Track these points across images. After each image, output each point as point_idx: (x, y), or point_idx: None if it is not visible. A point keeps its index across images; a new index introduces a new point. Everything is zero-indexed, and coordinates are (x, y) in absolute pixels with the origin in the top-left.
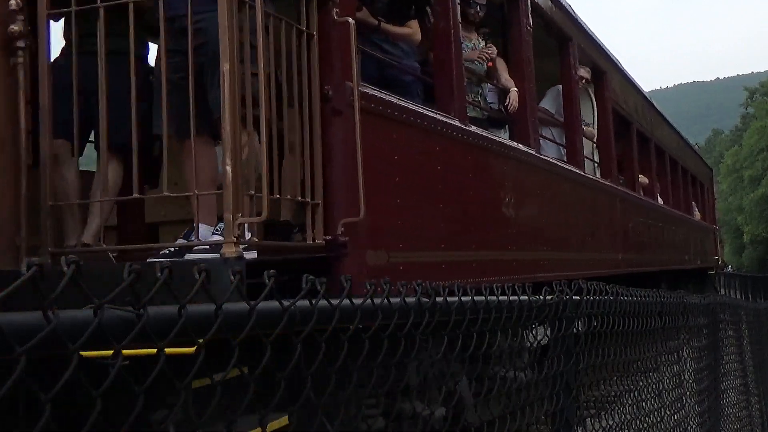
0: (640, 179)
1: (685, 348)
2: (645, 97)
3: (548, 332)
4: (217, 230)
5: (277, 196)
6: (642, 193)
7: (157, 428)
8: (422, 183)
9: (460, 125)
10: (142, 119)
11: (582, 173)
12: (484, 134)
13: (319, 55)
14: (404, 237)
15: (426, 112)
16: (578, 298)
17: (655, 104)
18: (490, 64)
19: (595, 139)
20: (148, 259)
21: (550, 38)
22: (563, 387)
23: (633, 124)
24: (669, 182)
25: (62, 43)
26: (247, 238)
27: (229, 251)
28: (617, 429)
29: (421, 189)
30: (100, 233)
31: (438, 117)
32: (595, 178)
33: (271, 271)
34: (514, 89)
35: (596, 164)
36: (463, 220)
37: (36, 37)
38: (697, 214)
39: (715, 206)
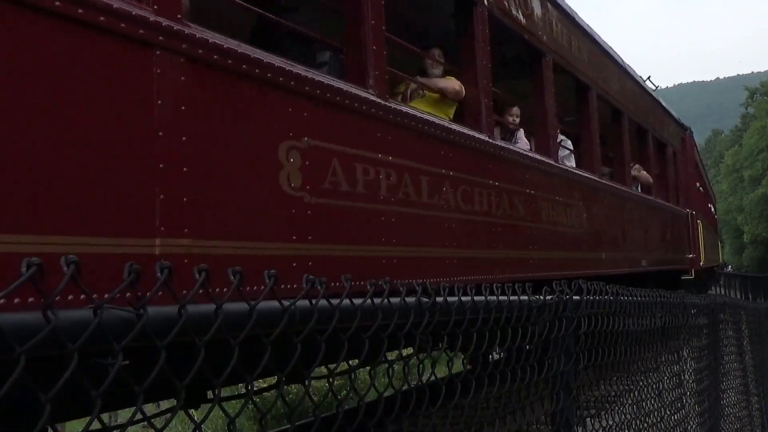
0: (509, 118)
1: (685, 348)
2: None
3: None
4: None
5: None
6: (490, 134)
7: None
8: None
9: None
10: None
11: None
12: None
13: None
14: None
15: None
16: (578, 298)
17: None
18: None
19: None
20: None
21: None
22: (563, 387)
23: None
24: (573, 123)
25: None
26: None
27: None
28: (617, 429)
29: None
30: None
31: None
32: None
33: (272, 271)
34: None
35: None
36: None
37: None
38: (645, 179)
39: (698, 183)
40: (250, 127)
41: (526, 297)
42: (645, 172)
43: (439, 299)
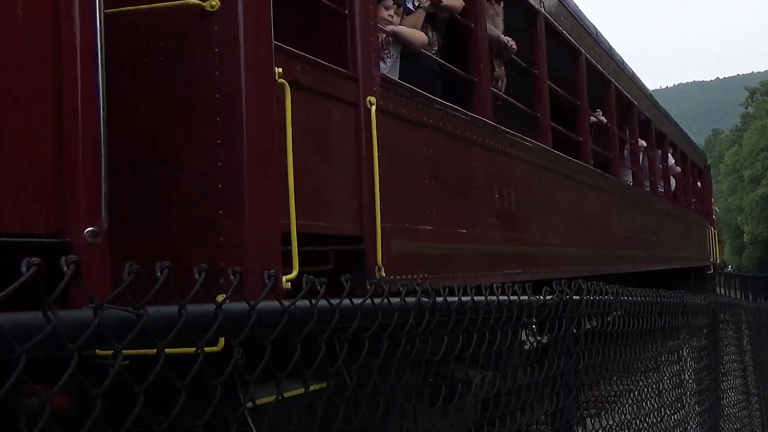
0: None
1: (685, 348)
2: None
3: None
4: None
5: None
6: None
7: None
8: None
9: None
10: None
11: None
12: None
13: None
14: None
15: None
16: (578, 298)
17: None
18: None
19: None
20: None
21: None
22: (563, 387)
23: None
24: None
25: None
26: None
27: None
28: (617, 429)
29: None
30: None
31: None
32: None
33: (271, 271)
34: None
35: None
36: None
37: None
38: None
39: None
40: None
41: (527, 297)
42: None
43: (439, 299)
